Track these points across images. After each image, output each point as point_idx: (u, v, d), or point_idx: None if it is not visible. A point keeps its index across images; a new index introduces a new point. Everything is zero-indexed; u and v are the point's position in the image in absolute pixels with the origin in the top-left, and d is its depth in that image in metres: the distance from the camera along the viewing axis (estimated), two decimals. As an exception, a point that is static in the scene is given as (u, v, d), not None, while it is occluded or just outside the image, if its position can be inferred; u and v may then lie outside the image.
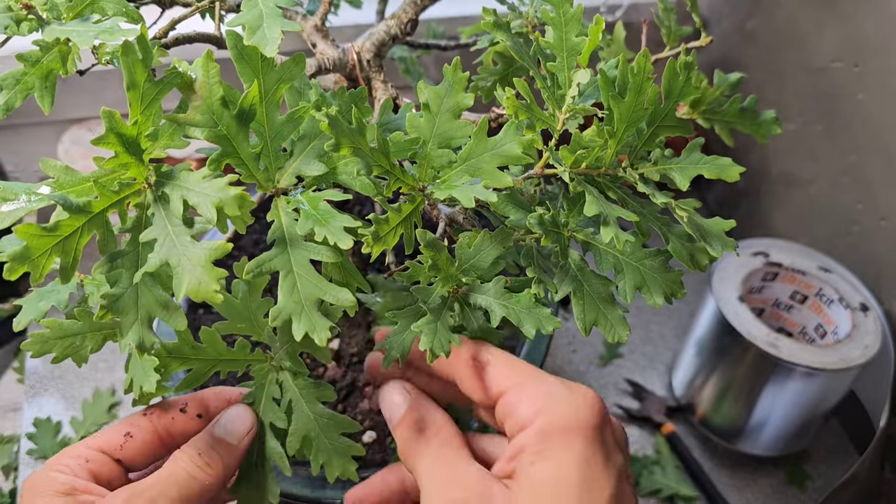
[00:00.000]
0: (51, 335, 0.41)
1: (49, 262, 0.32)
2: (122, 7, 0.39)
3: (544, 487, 0.33)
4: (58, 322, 0.41)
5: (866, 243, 0.86)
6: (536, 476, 0.34)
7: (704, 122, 0.52)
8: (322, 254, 0.34)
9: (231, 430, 0.41)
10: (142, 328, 0.35)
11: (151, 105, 0.33)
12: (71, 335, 0.41)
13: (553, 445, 0.34)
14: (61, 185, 0.34)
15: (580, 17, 0.42)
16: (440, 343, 0.36)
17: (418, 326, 0.36)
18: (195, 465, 0.39)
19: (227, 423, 0.41)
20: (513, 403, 0.36)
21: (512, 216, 0.41)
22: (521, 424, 0.35)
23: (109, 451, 0.40)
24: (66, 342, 0.41)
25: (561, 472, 0.33)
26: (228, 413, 0.41)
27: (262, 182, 0.36)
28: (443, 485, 0.36)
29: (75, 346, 0.41)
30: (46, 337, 0.41)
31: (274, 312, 0.33)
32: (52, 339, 0.41)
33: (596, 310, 0.39)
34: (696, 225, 0.39)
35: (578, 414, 0.34)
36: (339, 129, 0.33)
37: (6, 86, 0.39)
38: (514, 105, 0.39)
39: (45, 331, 0.41)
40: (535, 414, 0.35)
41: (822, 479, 0.82)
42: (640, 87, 0.37)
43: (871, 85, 0.81)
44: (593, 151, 0.39)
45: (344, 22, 0.83)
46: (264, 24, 0.35)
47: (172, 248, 0.32)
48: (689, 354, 0.84)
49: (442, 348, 0.36)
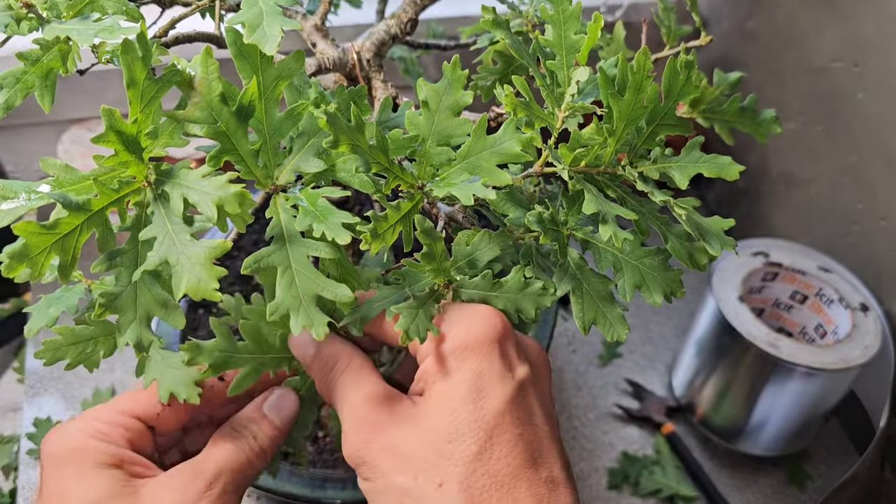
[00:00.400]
0: (63, 342, 0.40)
1: (48, 260, 0.32)
2: (122, 6, 0.39)
3: (439, 400, 0.36)
4: (70, 328, 0.40)
5: (866, 243, 0.86)
6: (434, 392, 0.36)
7: (704, 122, 0.52)
8: (320, 250, 0.34)
9: (280, 411, 0.42)
10: (140, 327, 0.35)
11: (151, 103, 0.33)
12: (83, 341, 0.41)
13: (449, 364, 0.36)
14: (61, 183, 0.34)
15: (579, 14, 0.42)
16: (416, 328, 0.36)
17: (399, 308, 0.37)
18: (248, 446, 0.40)
19: (276, 403, 0.42)
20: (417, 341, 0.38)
21: (511, 214, 0.41)
22: (425, 353, 0.37)
23: (146, 419, 0.40)
24: (78, 348, 0.41)
25: (453, 386, 0.35)
26: (277, 393, 0.42)
27: (260, 179, 0.36)
28: (353, 407, 0.37)
29: (87, 353, 0.41)
30: (59, 344, 0.40)
31: (272, 307, 0.33)
32: (64, 345, 0.40)
33: (595, 308, 0.39)
34: (695, 223, 0.39)
35: (472, 332, 0.36)
36: (337, 126, 0.33)
37: (6, 84, 0.39)
38: (514, 103, 0.39)
39: (57, 338, 0.40)
40: (433, 342, 0.37)
41: (822, 479, 0.82)
42: (640, 86, 0.37)
43: (871, 85, 0.81)
44: (592, 150, 0.39)
45: (344, 21, 0.83)
46: (264, 22, 0.35)
47: (172, 246, 0.32)
48: (689, 354, 0.84)
49: (418, 334, 0.36)
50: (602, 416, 0.86)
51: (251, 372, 0.40)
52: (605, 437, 0.84)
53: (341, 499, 0.57)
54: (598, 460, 0.81)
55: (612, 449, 0.83)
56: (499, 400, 0.35)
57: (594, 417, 0.86)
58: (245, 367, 0.40)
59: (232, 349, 0.40)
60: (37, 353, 0.40)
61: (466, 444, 0.34)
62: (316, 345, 0.40)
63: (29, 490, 0.74)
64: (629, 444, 0.83)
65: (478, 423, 0.34)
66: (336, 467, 0.61)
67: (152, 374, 0.39)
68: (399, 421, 0.36)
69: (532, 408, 0.37)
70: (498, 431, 0.35)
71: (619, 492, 0.79)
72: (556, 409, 0.84)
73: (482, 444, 0.34)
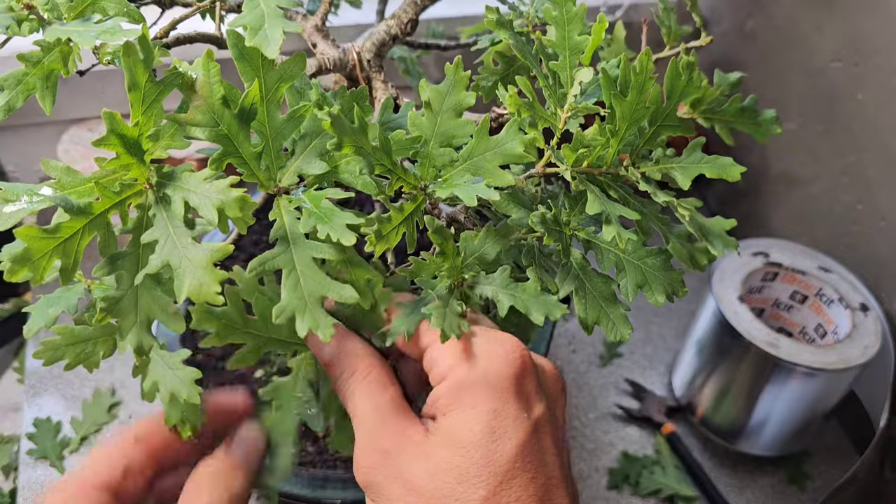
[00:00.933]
0: (62, 342, 0.40)
1: (49, 263, 0.32)
2: (124, 7, 0.39)
3: (452, 436, 0.35)
4: (69, 328, 0.40)
5: (866, 243, 0.86)
6: (446, 426, 0.35)
7: (705, 122, 0.52)
8: (325, 251, 0.34)
9: (248, 456, 0.41)
10: (140, 331, 0.35)
11: (153, 105, 0.33)
12: (82, 341, 0.41)
13: (463, 397, 0.35)
14: (62, 186, 0.34)
15: (583, 15, 0.42)
16: (450, 326, 0.36)
17: (429, 309, 0.36)
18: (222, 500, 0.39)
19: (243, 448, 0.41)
20: (434, 357, 0.37)
21: (514, 215, 0.41)
22: (440, 376, 0.36)
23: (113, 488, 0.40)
24: (77, 348, 0.40)
25: (467, 423, 0.34)
26: (242, 437, 0.41)
27: (263, 181, 0.36)
28: (369, 429, 0.37)
29: (87, 353, 0.41)
30: (58, 344, 0.40)
31: (277, 310, 0.33)
32: (63, 345, 0.40)
33: (598, 308, 0.39)
34: (698, 224, 0.39)
35: (493, 367, 0.35)
36: (341, 128, 0.33)
37: (7, 86, 0.39)
38: (516, 103, 0.39)
39: (56, 338, 0.40)
40: (450, 367, 0.36)
41: (822, 479, 0.82)
42: (642, 86, 0.37)
43: (871, 85, 0.81)
44: (595, 150, 0.39)
45: (344, 22, 0.83)
46: (266, 24, 0.35)
47: (173, 249, 0.32)
48: (689, 354, 0.84)
49: (453, 331, 0.35)
50: (602, 416, 0.86)
51: (252, 349, 0.40)
52: (605, 437, 0.84)
53: (341, 499, 0.57)
54: (598, 460, 0.81)
55: (612, 449, 0.83)
56: (512, 443, 0.34)
57: (594, 417, 0.86)
58: (249, 342, 0.40)
59: (240, 322, 0.39)
60: (35, 353, 0.40)
61: (476, 488, 0.33)
62: (336, 346, 0.39)
63: (29, 490, 0.74)
64: (629, 444, 0.83)
65: (489, 467, 0.34)
66: (336, 467, 0.61)
67: (152, 377, 0.39)
68: (411, 450, 0.35)
69: (545, 447, 0.36)
70: (509, 476, 0.34)
71: (619, 492, 0.79)
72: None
73: (492, 488, 0.33)
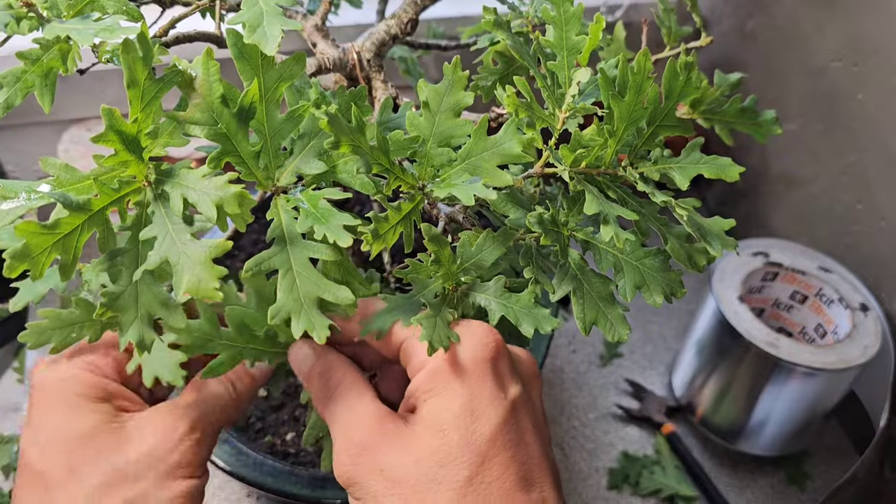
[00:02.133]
0: (49, 325, 0.40)
1: (49, 259, 0.32)
2: (123, 5, 0.39)
3: (430, 422, 0.35)
4: (56, 312, 0.40)
5: (866, 243, 0.86)
6: (424, 412, 0.36)
7: (704, 122, 0.52)
8: (321, 252, 0.34)
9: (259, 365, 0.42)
10: (141, 326, 0.35)
11: (151, 103, 0.33)
12: (69, 325, 0.41)
13: (440, 383, 0.35)
14: (61, 183, 0.34)
15: (581, 15, 0.42)
16: (439, 337, 0.36)
17: (418, 319, 0.36)
18: (228, 395, 0.41)
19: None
20: (409, 351, 0.38)
21: (512, 215, 0.41)
22: (417, 367, 0.37)
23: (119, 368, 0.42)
24: (63, 332, 0.40)
25: (445, 407, 0.35)
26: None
27: (261, 180, 0.36)
28: (345, 427, 0.37)
29: (73, 337, 0.41)
30: (44, 328, 0.40)
31: (273, 310, 0.33)
32: (49, 329, 0.40)
33: (596, 309, 0.39)
34: (696, 224, 0.39)
35: (467, 351, 0.36)
36: (338, 127, 0.33)
37: (6, 84, 0.39)
38: (515, 103, 0.39)
39: (43, 321, 0.40)
40: (427, 356, 0.36)
41: (822, 479, 0.82)
42: (640, 87, 0.37)
43: (871, 85, 0.81)
44: (593, 150, 0.39)
45: (344, 22, 0.83)
46: (264, 22, 0.35)
47: (172, 245, 0.32)
48: (689, 354, 0.84)
49: (441, 343, 0.36)
50: (602, 416, 0.86)
51: (227, 360, 0.40)
52: (605, 437, 0.84)
53: (341, 499, 0.57)
54: (598, 460, 0.81)
55: (612, 449, 0.83)
56: (491, 423, 0.35)
57: (594, 417, 0.86)
58: (223, 353, 0.40)
59: (213, 334, 0.40)
60: (21, 336, 0.40)
61: (458, 470, 0.34)
62: (314, 360, 0.40)
63: (29, 490, 0.74)
64: (629, 444, 0.83)
65: (469, 447, 0.34)
66: (336, 467, 0.61)
67: (137, 359, 0.40)
68: (390, 442, 0.36)
69: (524, 427, 0.36)
70: (490, 455, 0.34)
71: (619, 492, 0.79)
72: (557, 410, 0.85)
73: (474, 469, 0.34)
